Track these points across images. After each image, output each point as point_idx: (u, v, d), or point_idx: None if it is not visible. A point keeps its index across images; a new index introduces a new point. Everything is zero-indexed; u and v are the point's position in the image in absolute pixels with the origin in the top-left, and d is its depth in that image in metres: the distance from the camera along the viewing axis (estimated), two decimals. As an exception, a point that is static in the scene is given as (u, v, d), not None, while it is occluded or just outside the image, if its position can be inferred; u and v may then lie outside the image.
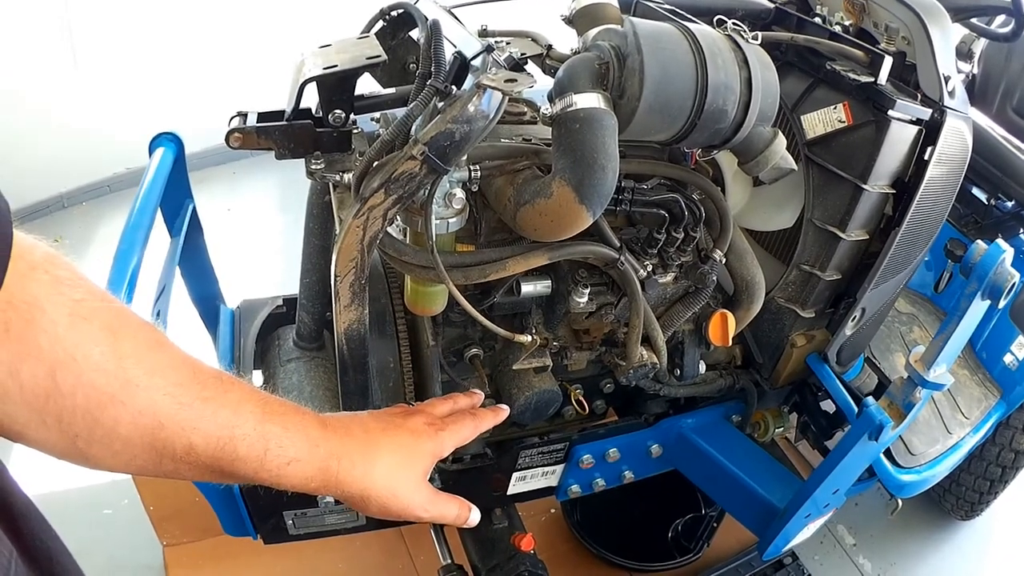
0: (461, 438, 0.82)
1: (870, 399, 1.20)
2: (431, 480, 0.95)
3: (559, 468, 1.42)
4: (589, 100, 0.90)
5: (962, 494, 2.08)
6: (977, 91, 2.25)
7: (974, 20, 1.89)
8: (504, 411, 0.92)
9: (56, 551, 0.60)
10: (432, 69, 0.91)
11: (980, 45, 2.19)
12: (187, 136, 1.38)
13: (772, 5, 1.37)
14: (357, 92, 1.09)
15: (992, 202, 1.83)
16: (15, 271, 0.47)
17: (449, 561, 1.48)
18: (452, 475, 1.32)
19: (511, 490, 1.41)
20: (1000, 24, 1.98)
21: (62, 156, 3.14)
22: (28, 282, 0.48)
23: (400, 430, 0.76)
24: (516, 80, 0.84)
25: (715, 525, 1.89)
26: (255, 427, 0.60)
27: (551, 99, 0.94)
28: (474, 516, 0.81)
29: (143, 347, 0.54)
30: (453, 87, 0.91)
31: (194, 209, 1.43)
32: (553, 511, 2.07)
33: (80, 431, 0.52)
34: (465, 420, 0.84)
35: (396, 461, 0.73)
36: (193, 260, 1.47)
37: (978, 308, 1.14)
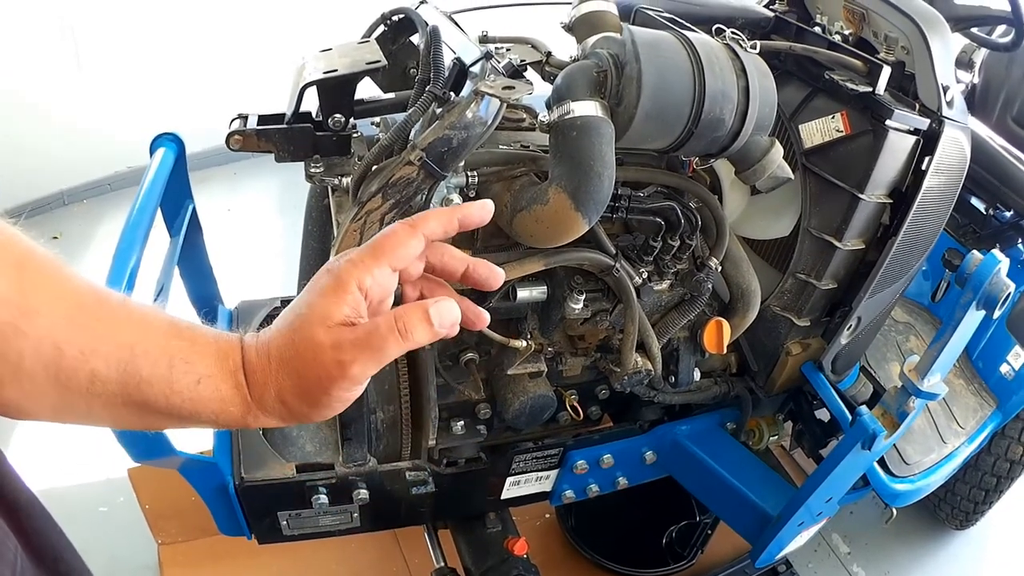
0: (409, 229, 0.56)
1: (864, 408, 1.20)
2: (423, 484, 0.91)
3: (553, 473, 1.42)
4: (586, 108, 0.90)
5: (957, 503, 2.08)
6: (977, 101, 2.25)
7: (974, 30, 1.90)
8: (476, 206, 0.60)
9: (61, 547, 0.61)
10: (431, 75, 0.91)
11: (980, 55, 2.20)
12: (188, 136, 1.38)
13: (772, 14, 1.37)
14: (357, 96, 1.10)
15: (991, 212, 1.83)
16: None
17: (442, 564, 1.48)
18: (446, 479, 1.32)
19: (505, 494, 1.41)
20: (1000, 34, 1.99)
21: (63, 154, 3.15)
22: None
23: (312, 284, 0.56)
24: (514, 87, 0.85)
25: (709, 532, 1.89)
26: (158, 342, 0.54)
27: (549, 106, 0.94)
28: (448, 312, 0.54)
29: (48, 278, 0.52)
30: (451, 93, 0.92)
31: (194, 209, 1.43)
32: (548, 516, 2.06)
33: None
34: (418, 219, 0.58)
35: (291, 318, 0.55)
36: (192, 260, 1.47)
37: (973, 318, 1.14)
